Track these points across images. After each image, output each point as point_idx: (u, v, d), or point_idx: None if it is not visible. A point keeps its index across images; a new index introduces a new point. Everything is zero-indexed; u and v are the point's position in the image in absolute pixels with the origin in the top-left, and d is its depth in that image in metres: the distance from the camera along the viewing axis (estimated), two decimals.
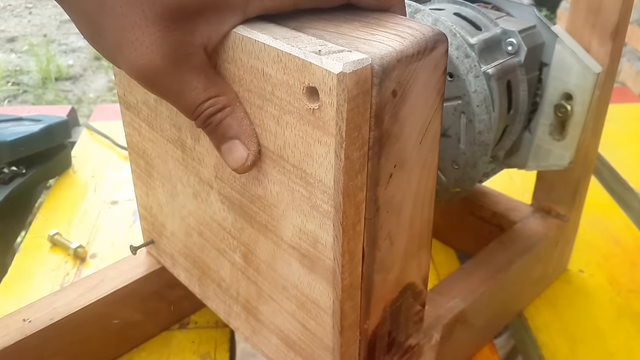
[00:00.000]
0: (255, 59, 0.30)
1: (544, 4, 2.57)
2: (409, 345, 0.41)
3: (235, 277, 0.41)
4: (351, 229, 0.30)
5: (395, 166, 0.31)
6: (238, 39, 0.30)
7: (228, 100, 0.31)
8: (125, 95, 0.44)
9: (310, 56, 0.27)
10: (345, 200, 0.29)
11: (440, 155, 0.46)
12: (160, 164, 0.43)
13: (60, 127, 0.76)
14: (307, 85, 0.27)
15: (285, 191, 0.32)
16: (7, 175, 0.72)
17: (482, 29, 0.47)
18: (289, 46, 0.28)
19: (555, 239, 0.56)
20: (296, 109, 0.29)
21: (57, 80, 2.30)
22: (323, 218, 0.30)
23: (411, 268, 0.36)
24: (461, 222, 0.62)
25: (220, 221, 0.40)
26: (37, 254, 0.64)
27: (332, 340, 0.35)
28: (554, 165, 0.51)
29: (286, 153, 0.31)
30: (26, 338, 0.45)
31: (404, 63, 0.28)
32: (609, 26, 0.46)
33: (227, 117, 0.31)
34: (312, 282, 0.34)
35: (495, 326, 0.55)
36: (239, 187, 0.36)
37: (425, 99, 0.30)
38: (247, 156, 0.32)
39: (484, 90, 0.42)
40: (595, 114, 0.49)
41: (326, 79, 0.26)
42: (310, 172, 0.30)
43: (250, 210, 0.36)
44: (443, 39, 0.29)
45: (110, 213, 0.71)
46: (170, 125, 0.40)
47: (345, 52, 0.27)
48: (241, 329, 0.44)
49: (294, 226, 0.33)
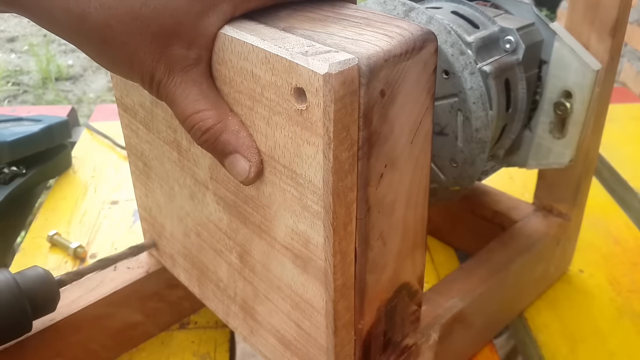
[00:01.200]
0: (245, 60, 0.30)
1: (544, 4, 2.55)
2: (405, 345, 0.41)
3: (232, 277, 0.41)
4: (342, 229, 0.30)
5: (386, 166, 0.30)
6: (227, 40, 0.30)
7: (219, 115, 0.31)
8: (122, 97, 0.44)
9: (297, 57, 0.27)
10: (335, 201, 0.29)
11: (438, 153, 0.46)
12: (158, 165, 0.43)
13: (60, 127, 0.76)
14: (295, 86, 0.27)
15: (277, 192, 0.32)
16: (7, 175, 0.72)
17: (480, 26, 0.46)
18: (277, 47, 0.28)
19: (557, 237, 0.56)
20: (285, 110, 0.29)
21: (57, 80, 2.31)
22: (314, 218, 0.30)
23: (405, 268, 0.36)
24: (462, 221, 0.62)
25: (217, 222, 0.40)
26: (37, 254, 0.64)
27: (326, 341, 0.34)
28: (554, 164, 0.50)
29: (277, 154, 0.31)
30: (26, 339, 0.45)
31: (391, 63, 0.27)
32: (608, 22, 0.46)
33: (222, 134, 0.31)
34: (305, 282, 0.34)
35: (496, 326, 0.54)
36: (233, 188, 0.36)
37: (415, 99, 0.30)
38: (249, 168, 0.32)
39: (480, 87, 0.42)
40: (595, 111, 0.49)
41: (312, 80, 0.26)
42: (300, 172, 0.30)
43: (245, 210, 0.36)
44: (432, 38, 0.29)
45: (110, 213, 0.71)
46: (166, 127, 0.40)
47: (332, 53, 0.27)
48: (239, 328, 0.44)
49: (286, 227, 0.33)
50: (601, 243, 0.65)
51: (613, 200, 0.73)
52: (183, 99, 0.31)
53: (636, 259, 0.63)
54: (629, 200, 0.73)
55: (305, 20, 0.30)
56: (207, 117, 0.31)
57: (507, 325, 0.56)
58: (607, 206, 0.71)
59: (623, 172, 0.78)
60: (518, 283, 0.53)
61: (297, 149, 0.29)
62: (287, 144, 0.30)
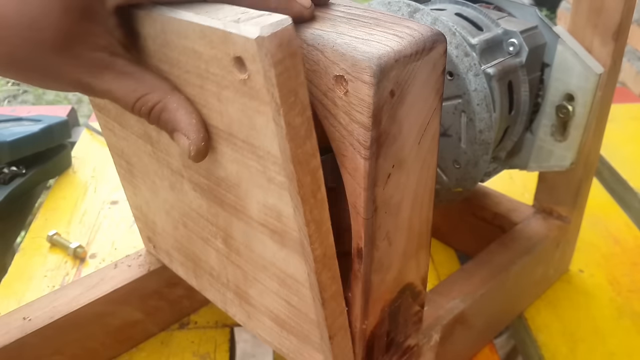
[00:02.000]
0: (185, 38, 0.29)
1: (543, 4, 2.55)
2: (407, 345, 0.41)
3: (222, 263, 0.41)
4: (311, 197, 0.29)
5: (394, 166, 0.30)
6: (166, 20, 0.30)
7: (158, 95, 0.31)
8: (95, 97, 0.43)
9: (230, 25, 0.26)
10: (297, 168, 0.28)
11: (441, 154, 0.46)
12: (138, 161, 0.43)
13: (60, 127, 0.76)
14: (233, 56, 0.27)
15: (242, 169, 0.32)
16: (7, 175, 0.72)
17: (484, 29, 0.46)
18: (209, 19, 0.27)
19: (557, 240, 0.56)
20: (230, 82, 0.28)
21: None
22: (280, 190, 0.30)
23: (410, 268, 0.36)
24: (462, 223, 0.62)
25: (197, 209, 0.39)
26: (37, 254, 0.64)
27: (315, 314, 0.34)
28: (555, 166, 0.51)
29: (234, 130, 0.30)
30: (26, 336, 0.45)
31: (401, 63, 0.27)
32: (611, 26, 0.46)
33: (162, 113, 0.32)
34: (286, 257, 0.33)
35: (496, 327, 0.54)
36: (204, 172, 0.36)
37: (424, 99, 0.30)
38: (188, 146, 0.32)
39: (484, 89, 0.42)
40: (597, 115, 0.49)
41: (247, 46, 0.25)
42: (258, 144, 0.29)
43: (219, 193, 0.36)
44: (442, 39, 0.29)
45: (110, 213, 0.71)
46: (136, 121, 0.39)
47: (265, 16, 0.26)
48: (238, 315, 0.43)
49: (257, 203, 0.33)
50: (601, 243, 0.65)
51: (613, 200, 0.73)
52: (121, 92, 0.31)
53: (636, 259, 0.63)
54: (629, 200, 0.73)
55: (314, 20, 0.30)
56: (147, 101, 0.31)
57: (507, 326, 0.56)
58: (607, 206, 0.72)
59: (623, 172, 0.78)
60: (518, 284, 0.53)
61: (250, 120, 0.28)
62: (240, 117, 0.29)
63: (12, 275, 0.61)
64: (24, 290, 0.59)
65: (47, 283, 0.60)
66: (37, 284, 0.60)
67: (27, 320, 0.46)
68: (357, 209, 0.31)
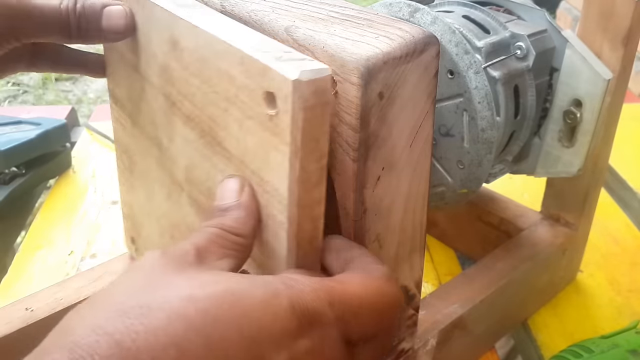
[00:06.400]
0: (223, 60, 0.29)
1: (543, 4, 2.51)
2: (401, 349, 0.40)
3: None
4: (307, 243, 0.29)
5: (384, 169, 0.30)
6: (209, 37, 0.30)
7: None
8: (114, 88, 0.44)
9: (271, 61, 0.26)
10: (300, 212, 0.28)
11: (445, 155, 0.46)
12: (141, 161, 0.43)
13: (58, 132, 0.76)
14: (266, 90, 0.27)
15: None
16: (7, 175, 0.72)
17: (491, 32, 0.46)
18: (252, 49, 0.27)
19: (563, 247, 0.55)
20: (257, 114, 0.28)
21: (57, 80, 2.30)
22: (278, 229, 0.30)
23: (403, 272, 0.36)
24: (468, 228, 0.61)
25: (190, 224, 0.39)
26: (37, 254, 0.64)
27: None
28: (562, 172, 0.50)
29: (247, 158, 0.30)
30: (28, 326, 0.45)
31: (390, 65, 0.27)
32: (621, 31, 0.45)
33: None
34: None
35: (497, 334, 0.54)
36: (205, 190, 0.36)
37: (415, 102, 0.30)
38: None
39: (485, 87, 0.41)
40: (605, 121, 0.48)
41: (282, 85, 0.26)
42: (268, 180, 0.29)
43: None
44: (434, 41, 0.29)
45: (110, 213, 0.71)
46: (149, 122, 0.40)
47: (307, 61, 0.26)
48: None
49: None
50: (601, 243, 0.65)
51: (613, 200, 0.73)
52: None
53: (636, 258, 0.63)
54: (628, 200, 0.73)
55: (308, 19, 0.30)
56: None
57: None
58: (607, 206, 0.71)
59: (623, 172, 0.77)
60: (521, 291, 0.53)
61: (266, 155, 0.29)
62: (256, 149, 0.29)
63: (12, 275, 0.61)
64: (24, 290, 0.59)
65: (47, 283, 0.60)
66: (38, 284, 0.60)
67: (29, 310, 0.47)
68: (346, 210, 0.31)
